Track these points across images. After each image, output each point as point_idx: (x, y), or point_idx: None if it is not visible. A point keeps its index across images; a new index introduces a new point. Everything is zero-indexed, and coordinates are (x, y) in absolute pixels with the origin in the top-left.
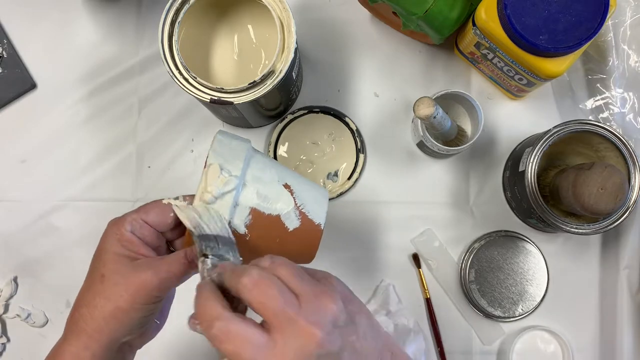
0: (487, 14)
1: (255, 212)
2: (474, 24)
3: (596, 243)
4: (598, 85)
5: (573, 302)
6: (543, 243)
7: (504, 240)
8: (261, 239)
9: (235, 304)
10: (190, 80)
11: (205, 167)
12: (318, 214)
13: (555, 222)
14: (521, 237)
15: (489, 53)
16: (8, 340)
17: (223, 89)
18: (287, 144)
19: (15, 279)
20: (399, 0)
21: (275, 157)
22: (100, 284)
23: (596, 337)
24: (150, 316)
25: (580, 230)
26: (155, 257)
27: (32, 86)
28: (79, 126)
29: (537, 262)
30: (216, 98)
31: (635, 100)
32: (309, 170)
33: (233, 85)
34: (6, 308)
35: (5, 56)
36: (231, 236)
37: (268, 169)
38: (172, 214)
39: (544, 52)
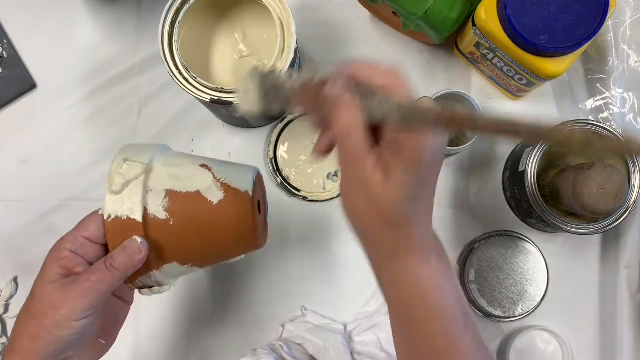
0: (487, 14)
1: (171, 194)
2: (474, 24)
3: (596, 243)
4: (598, 85)
5: (573, 302)
6: (543, 243)
7: (504, 240)
8: (187, 220)
9: None
10: (190, 80)
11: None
12: (243, 182)
13: (555, 222)
14: (521, 237)
15: (489, 53)
16: (8, 340)
17: (223, 89)
18: (287, 144)
19: (15, 279)
20: (399, 0)
21: (275, 157)
22: (30, 303)
23: (596, 337)
24: (82, 334)
25: (580, 230)
26: (81, 273)
27: (32, 86)
28: (79, 126)
29: (537, 262)
30: (216, 98)
31: (635, 100)
32: (309, 170)
33: (233, 85)
34: (6, 308)
35: (5, 56)
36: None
37: (181, 156)
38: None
39: (544, 52)
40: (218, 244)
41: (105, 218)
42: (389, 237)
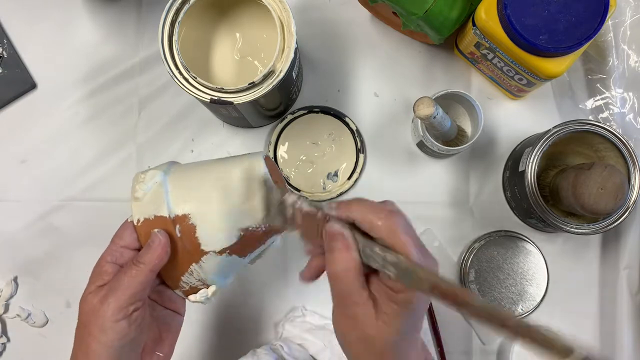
0: (487, 14)
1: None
2: (474, 24)
3: (596, 243)
4: (598, 85)
5: (573, 302)
6: (543, 243)
7: (504, 240)
8: None
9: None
10: (190, 80)
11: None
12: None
13: (555, 222)
14: (521, 237)
15: (489, 53)
16: (8, 340)
17: (223, 89)
18: (287, 144)
19: (15, 279)
20: (399, 0)
21: (275, 157)
22: (78, 317)
23: (596, 337)
24: (127, 337)
25: (580, 230)
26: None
27: (32, 86)
28: (79, 126)
29: (537, 262)
30: (216, 98)
31: (635, 100)
32: (309, 170)
33: (233, 85)
34: (6, 308)
35: (5, 56)
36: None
37: (192, 164)
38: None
39: (544, 52)
40: None
41: (135, 224)
42: None
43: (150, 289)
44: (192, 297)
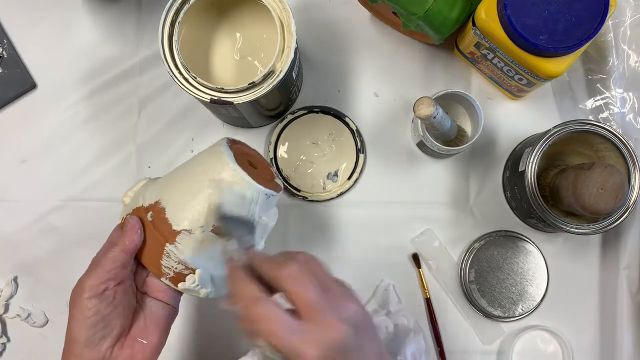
0: (487, 14)
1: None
2: (474, 24)
3: (596, 243)
4: (598, 85)
5: (573, 302)
6: (543, 243)
7: (504, 240)
8: None
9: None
10: (190, 80)
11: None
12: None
13: (555, 222)
14: (521, 237)
15: (489, 53)
16: (8, 340)
17: (223, 89)
18: (287, 144)
19: (15, 279)
20: (399, 0)
21: (275, 157)
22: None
23: (596, 337)
24: (100, 315)
25: (580, 230)
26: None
27: (32, 86)
28: (79, 126)
29: (537, 262)
30: (216, 98)
31: (635, 100)
32: (309, 170)
33: (233, 85)
34: (6, 308)
35: (5, 56)
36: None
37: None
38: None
39: (544, 52)
40: None
41: (120, 222)
42: None
43: (131, 272)
44: (180, 285)
